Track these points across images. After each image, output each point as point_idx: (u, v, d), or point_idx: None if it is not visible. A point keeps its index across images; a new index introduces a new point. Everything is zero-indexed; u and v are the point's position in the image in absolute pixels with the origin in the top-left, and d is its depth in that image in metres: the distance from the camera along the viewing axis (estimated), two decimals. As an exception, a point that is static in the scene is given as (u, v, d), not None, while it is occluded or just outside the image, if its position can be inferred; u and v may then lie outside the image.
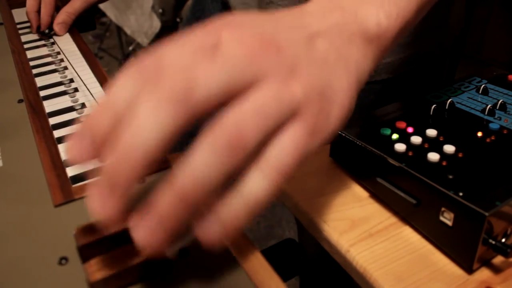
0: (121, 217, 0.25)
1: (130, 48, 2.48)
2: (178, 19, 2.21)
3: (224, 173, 0.25)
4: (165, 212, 0.24)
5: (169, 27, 2.24)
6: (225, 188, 0.26)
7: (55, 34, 0.73)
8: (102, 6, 2.20)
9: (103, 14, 2.39)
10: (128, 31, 2.23)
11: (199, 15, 0.78)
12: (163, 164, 0.39)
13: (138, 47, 2.44)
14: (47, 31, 0.72)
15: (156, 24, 2.14)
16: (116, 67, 2.64)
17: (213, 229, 0.26)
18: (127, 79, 0.26)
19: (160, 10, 2.18)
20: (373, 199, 0.43)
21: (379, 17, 0.33)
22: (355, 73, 0.32)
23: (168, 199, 0.24)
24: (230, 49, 0.26)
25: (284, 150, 0.27)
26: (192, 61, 0.26)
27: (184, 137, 0.25)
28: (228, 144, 0.24)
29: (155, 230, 0.24)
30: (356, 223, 0.40)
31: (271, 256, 0.30)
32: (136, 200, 0.25)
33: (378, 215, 0.41)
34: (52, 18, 0.73)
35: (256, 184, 0.26)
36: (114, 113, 0.25)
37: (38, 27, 0.73)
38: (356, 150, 0.42)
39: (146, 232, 0.25)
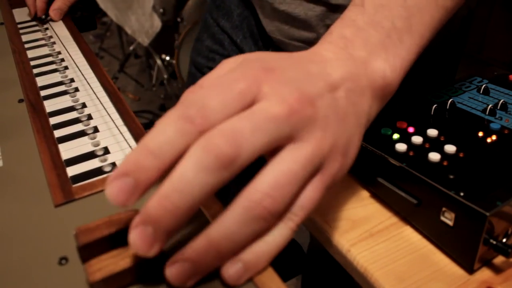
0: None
1: (131, 48, 2.48)
2: (178, 19, 2.21)
3: (255, 233, 0.28)
4: (199, 260, 0.27)
5: (170, 27, 2.23)
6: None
7: (51, 20, 0.78)
8: (103, 6, 2.20)
9: (104, 14, 2.39)
10: (129, 31, 2.23)
11: (219, 3, 0.77)
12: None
13: (139, 47, 2.44)
14: (43, 16, 0.77)
15: (157, 24, 2.13)
16: (116, 66, 2.64)
17: (237, 270, 0.29)
18: (172, 126, 0.27)
19: (161, 10, 2.18)
20: (374, 199, 0.43)
21: (385, 71, 0.35)
22: (364, 125, 0.35)
23: (202, 248, 0.27)
24: (271, 106, 0.28)
25: (304, 206, 0.30)
26: (235, 117, 0.27)
27: None
28: (261, 214, 0.27)
29: (187, 273, 0.27)
30: (357, 223, 0.40)
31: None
32: None
33: (379, 215, 0.41)
34: (48, 5, 0.78)
35: (280, 234, 0.29)
36: (159, 161, 0.26)
37: (36, 14, 0.77)
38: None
39: (179, 274, 0.27)
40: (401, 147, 0.40)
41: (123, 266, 0.29)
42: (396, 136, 0.42)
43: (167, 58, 2.32)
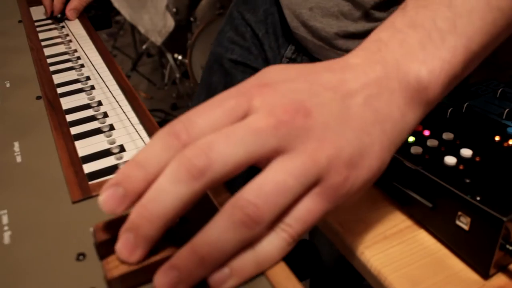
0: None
1: (144, 46, 2.49)
2: (191, 19, 2.22)
3: (240, 241, 0.28)
4: (184, 268, 0.27)
5: (183, 26, 2.24)
6: None
7: (67, 19, 0.78)
8: (116, 4, 2.22)
9: (118, 13, 2.40)
10: (142, 30, 2.24)
11: None
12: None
13: (152, 46, 2.45)
14: (59, 15, 0.77)
15: (170, 23, 2.15)
16: (129, 65, 2.65)
17: (221, 275, 0.28)
18: (158, 141, 0.29)
19: (174, 9, 2.19)
20: (388, 202, 0.42)
21: (420, 73, 0.32)
22: (391, 134, 0.32)
23: (188, 258, 0.27)
24: (255, 120, 0.28)
25: (300, 218, 0.29)
26: (216, 132, 0.28)
27: None
28: (243, 221, 0.27)
29: (174, 282, 0.27)
30: (371, 225, 0.40)
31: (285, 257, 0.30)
32: None
33: (393, 218, 0.41)
34: (64, 4, 0.79)
35: (270, 244, 0.29)
36: (145, 173, 0.28)
37: (52, 13, 0.78)
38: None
39: (165, 281, 0.27)
40: (416, 150, 0.40)
41: (140, 263, 0.29)
42: (411, 138, 0.42)
43: (180, 57, 2.33)
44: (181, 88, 2.38)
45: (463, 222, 0.35)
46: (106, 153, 0.43)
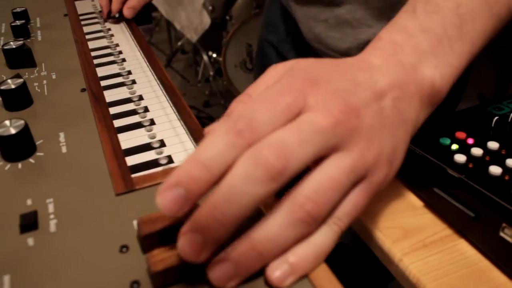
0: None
1: (179, 43, 2.52)
2: (227, 17, 2.23)
3: (298, 237, 0.29)
4: (241, 262, 0.28)
5: (218, 24, 2.26)
6: None
7: (124, 18, 0.78)
8: (154, 1, 2.24)
9: (154, 9, 2.43)
10: (178, 26, 2.26)
11: (268, 22, 0.83)
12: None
13: (187, 42, 2.47)
14: (117, 15, 0.77)
15: (206, 20, 2.16)
16: (163, 61, 2.68)
17: (283, 272, 0.29)
18: (220, 138, 0.28)
19: (210, 7, 2.20)
20: (428, 209, 0.42)
21: (435, 78, 0.35)
22: (410, 133, 0.35)
23: (246, 252, 0.28)
24: (317, 119, 0.29)
25: (348, 212, 0.31)
26: (283, 129, 0.28)
27: None
28: (303, 218, 0.28)
29: (229, 274, 0.28)
30: (410, 232, 0.39)
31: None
32: None
33: (432, 226, 0.40)
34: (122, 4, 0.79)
35: (325, 238, 0.30)
36: (210, 174, 0.27)
37: (109, 12, 0.78)
38: (413, 158, 0.41)
39: (220, 275, 0.28)
40: (460, 158, 0.39)
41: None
42: (455, 146, 0.41)
43: (214, 55, 2.34)
44: (214, 85, 2.39)
45: (507, 234, 0.34)
46: (146, 147, 0.44)
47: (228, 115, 0.32)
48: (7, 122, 0.42)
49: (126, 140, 0.45)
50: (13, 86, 0.49)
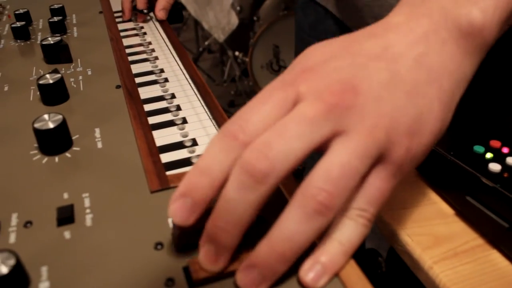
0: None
1: (206, 42, 2.53)
2: (255, 18, 2.24)
3: (316, 230, 0.27)
4: (265, 266, 0.28)
5: (246, 25, 2.26)
6: None
7: (150, 13, 0.79)
8: (183, 0, 2.26)
9: (183, 7, 2.45)
10: (205, 26, 2.28)
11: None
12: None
13: (214, 42, 2.49)
14: (145, 11, 0.77)
15: (234, 21, 2.17)
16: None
17: (316, 272, 0.29)
18: (216, 144, 0.29)
19: (238, 8, 2.21)
20: (459, 217, 0.41)
21: (471, 13, 0.30)
22: (449, 89, 0.31)
23: (267, 255, 0.28)
24: (304, 109, 0.28)
25: (372, 200, 0.29)
26: (269, 129, 0.28)
27: None
28: (317, 209, 0.27)
29: (256, 279, 0.28)
30: (441, 240, 0.39)
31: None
32: None
33: (464, 235, 0.40)
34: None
35: (352, 232, 0.29)
36: (210, 179, 0.28)
37: (134, 7, 0.78)
38: (446, 165, 0.41)
39: (248, 281, 0.28)
40: (494, 167, 0.39)
41: (229, 269, 0.30)
42: (489, 155, 0.40)
43: (241, 55, 2.35)
44: (239, 85, 2.40)
45: (543, 246, 0.34)
46: (178, 145, 0.44)
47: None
48: (46, 116, 0.43)
49: (159, 138, 0.45)
50: (51, 81, 0.51)
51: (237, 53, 2.36)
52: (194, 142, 0.45)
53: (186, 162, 0.42)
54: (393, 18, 0.32)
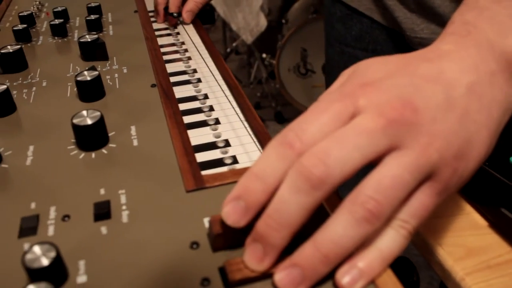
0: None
1: (234, 44, 2.54)
2: (283, 20, 2.24)
3: (361, 237, 0.28)
4: (308, 266, 0.28)
5: (274, 27, 2.27)
6: None
7: (180, 16, 0.78)
8: (213, 1, 2.28)
9: (213, 9, 2.47)
10: (234, 27, 2.29)
11: None
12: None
13: (241, 44, 2.50)
14: (175, 14, 0.77)
15: (263, 23, 2.18)
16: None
17: (352, 277, 0.29)
18: (272, 151, 0.30)
19: (267, 10, 2.22)
20: (493, 229, 0.41)
21: None
22: (497, 117, 0.32)
23: (311, 255, 0.28)
24: (365, 121, 0.28)
25: (415, 213, 0.30)
26: (328, 137, 0.28)
27: None
28: (365, 217, 0.27)
29: (296, 279, 0.29)
30: (473, 252, 0.39)
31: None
32: None
33: (498, 247, 0.39)
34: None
35: (392, 241, 0.30)
36: (264, 184, 0.29)
37: (166, 8, 0.78)
38: (481, 176, 0.41)
39: (287, 280, 0.29)
40: (531, 179, 0.38)
41: (264, 271, 0.30)
42: (526, 167, 0.40)
43: (268, 57, 2.35)
44: (266, 88, 2.40)
45: None
46: (212, 145, 0.45)
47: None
48: (84, 113, 0.43)
49: (193, 138, 0.46)
50: (88, 78, 0.52)
51: (264, 55, 2.36)
52: (227, 143, 0.45)
53: (220, 162, 0.42)
54: (443, 46, 0.33)
